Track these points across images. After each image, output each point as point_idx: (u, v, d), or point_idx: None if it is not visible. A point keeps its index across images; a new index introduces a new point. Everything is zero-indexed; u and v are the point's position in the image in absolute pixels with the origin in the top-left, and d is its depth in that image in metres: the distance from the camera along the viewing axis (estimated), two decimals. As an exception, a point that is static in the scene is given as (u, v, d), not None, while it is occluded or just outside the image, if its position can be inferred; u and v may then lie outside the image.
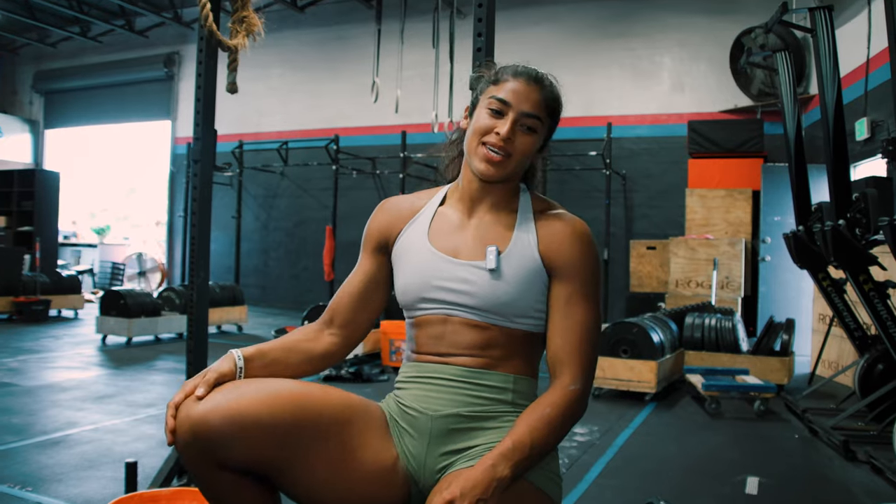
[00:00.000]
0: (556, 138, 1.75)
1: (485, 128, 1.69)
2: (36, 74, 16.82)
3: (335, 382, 6.11)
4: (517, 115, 1.68)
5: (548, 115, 1.74)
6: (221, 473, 1.53)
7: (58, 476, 3.51)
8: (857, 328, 5.43)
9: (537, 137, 1.73)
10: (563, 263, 1.69)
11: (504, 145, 1.67)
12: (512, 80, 1.72)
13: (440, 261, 1.73)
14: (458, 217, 1.79)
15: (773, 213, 9.11)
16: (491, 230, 1.75)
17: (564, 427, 1.64)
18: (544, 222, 1.74)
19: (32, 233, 13.12)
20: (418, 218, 1.82)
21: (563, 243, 1.70)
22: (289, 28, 13.43)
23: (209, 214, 3.25)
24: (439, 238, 1.77)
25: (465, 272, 1.70)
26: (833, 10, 4.94)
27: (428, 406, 1.68)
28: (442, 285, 1.71)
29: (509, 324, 1.69)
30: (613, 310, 10.87)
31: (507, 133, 1.67)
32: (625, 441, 4.61)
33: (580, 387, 1.66)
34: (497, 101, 1.69)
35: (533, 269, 1.69)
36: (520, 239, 1.72)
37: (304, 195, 13.65)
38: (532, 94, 1.70)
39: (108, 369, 6.71)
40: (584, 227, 1.73)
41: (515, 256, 1.69)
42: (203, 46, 3.15)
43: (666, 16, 11.31)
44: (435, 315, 1.72)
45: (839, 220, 4.70)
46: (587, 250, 1.71)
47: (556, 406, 1.63)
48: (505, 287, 1.67)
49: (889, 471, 3.81)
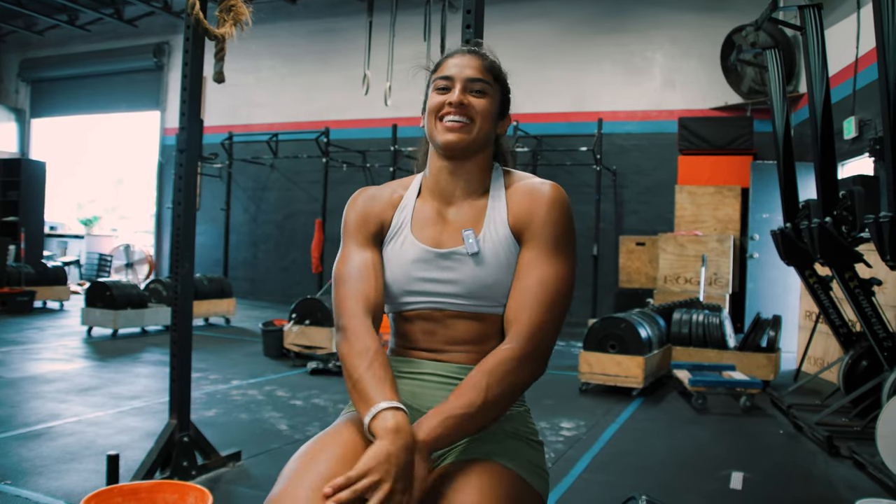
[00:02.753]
0: (547, 133, 1.76)
1: (437, 104, 1.68)
2: (22, 63, 16.68)
3: (322, 375, 6.09)
4: (463, 83, 1.67)
5: (494, 80, 1.72)
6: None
7: (38, 469, 3.48)
8: (842, 325, 5.46)
9: (491, 100, 1.70)
10: (528, 225, 1.66)
11: (460, 109, 1.66)
12: (450, 58, 1.72)
13: (422, 252, 1.70)
14: (435, 206, 1.76)
15: (762, 210, 9.13)
16: (468, 214, 1.72)
17: (493, 388, 1.51)
18: (513, 194, 1.72)
19: (17, 223, 13.04)
20: (402, 209, 1.78)
21: (530, 206, 1.67)
22: (280, 20, 13.39)
23: (194, 204, 3.23)
24: (422, 229, 1.74)
25: (445, 261, 1.68)
26: (822, 9, 4.95)
27: (423, 403, 1.66)
28: (427, 276, 1.68)
29: (495, 309, 1.66)
30: (602, 305, 10.89)
31: (459, 97, 1.66)
32: (611, 436, 4.61)
33: (519, 345, 1.56)
34: (441, 80, 1.70)
35: (508, 245, 1.66)
36: (492, 217, 1.69)
37: (293, 188, 13.61)
38: (472, 62, 1.70)
39: (93, 361, 6.67)
40: (555, 190, 1.68)
41: (490, 235, 1.67)
42: (190, 35, 3.13)
43: (658, 12, 11.32)
44: (425, 309, 1.69)
45: (826, 217, 4.73)
46: (555, 210, 1.66)
47: (483, 368, 1.54)
48: (486, 269, 1.64)
49: (871, 466, 3.84)
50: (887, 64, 3.60)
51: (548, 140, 11.65)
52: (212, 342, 7.95)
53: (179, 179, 3.18)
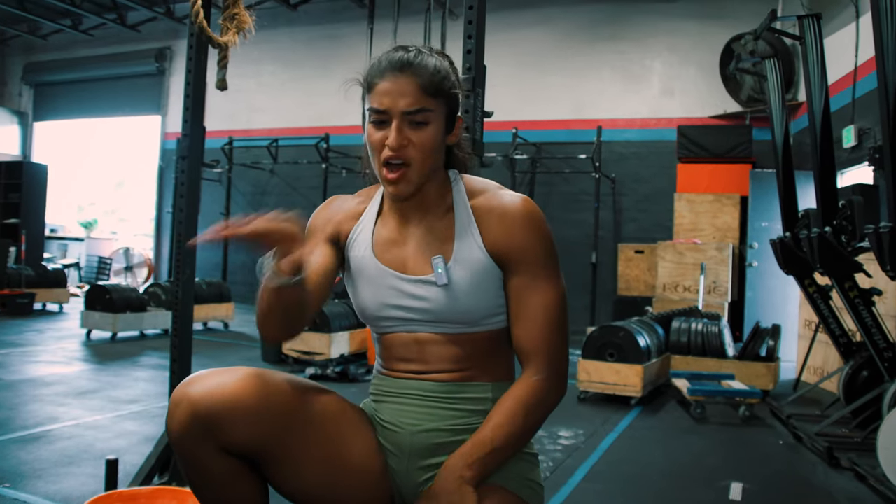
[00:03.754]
0: (546, 140, 1.75)
1: (376, 144, 1.59)
2: (26, 66, 16.71)
3: (320, 381, 6.09)
4: (399, 120, 1.55)
5: (435, 97, 1.57)
6: (216, 458, 1.51)
7: (37, 472, 3.48)
8: (842, 335, 5.46)
9: (434, 127, 1.58)
10: (512, 252, 1.60)
11: (398, 154, 1.56)
12: (380, 81, 1.58)
13: (390, 277, 1.66)
14: (396, 225, 1.71)
15: (761, 219, 9.14)
16: (431, 237, 1.66)
17: (530, 418, 1.58)
18: (484, 214, 1.64)
19: (18, 225, 13.05)
20: (362, 223, 1.74)
21: (508, 232, 1.61)
22: (281, 26, 13.40)
23: (196, 211, 3.24)
24: (384, 251, 1.69)
25: (416, 289, 1.64)
26: (822, 19, 4.97)
27: (406, 421, 1.66)
28: (397, 303, 1.65)
29: (476, 328, 1.64)
30: (600, 313, 10.88)
31: (395, 142, 1.55)
32: (609, 445, 4.61)
33: (545, 375, 1.59)
34: (375, 113, 1.58)
35: (484, 269, 1.61)
36: (463, 241, 1.63)
37: (293, 193, 13.61)
38: (406, 87, 1.55)
39: (92, 364, 6.67)
40: (526, 206, 1.62)
41: (463, 262, 1.62)
42: (193, 43, 3.13)
43: (657, 20, 11.35)
44: (401, 332, 1.68)
45: (825, 226, 4.73)
46: (533, 230, 1.61)
47: (518, 399, 1.58)
48: (460, 297, 1.60)
49: (872, 477, 3.83)
50: (886, 73, 3.61)
51: (547, 147, 11.66)
52: (211, 347, 7.95)
53: (181, 186, 3.19)
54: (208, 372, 1.55)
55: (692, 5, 11.12)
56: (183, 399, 1.50)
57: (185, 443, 1.50)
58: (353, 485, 1.62)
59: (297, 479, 1.57)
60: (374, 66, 1.62)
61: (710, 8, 10.99)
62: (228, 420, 1.48)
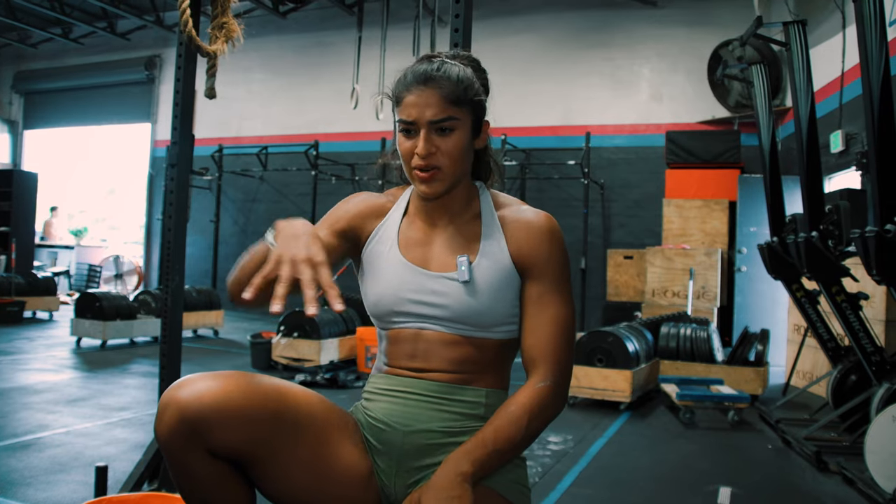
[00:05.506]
0: (535, 146, 1.75)
1: (406, 153, 1.65)
2: (16, 75, 16.70)
3: (310, 388, 6.07)
4: (427, 130, 1.62)
5: (459, 106, 1.63)
6: (204, 461, 1.52)
7: (27, 480, 3.48)
8: (830, 339, 5.48)
9: (461, 133, 1.64)
10: (534, 262, 1.67)
11: (427, 162, 1.62)
12: (407, 94, 1.63)
13: (412, 273, 1.70)
14: (423, 226, 1.76)
15: (750, 224, 9.19)
16: (458, 239, 1.72)
17: (532, 424, 1.60)
18: (510, 223, 1.72)
19: (9, 233, 13.01)
20: (387, 222, 1.79)
21: (532, 242, 1.68)
22: (271, 33, 13.42)
23: (184, 219, 3.24)
24: (409, 248, 1.74)
25: (437, 284, 1.67)
26: (807, 25, 5.01)
27: (399, 421, 1.67)
28: (416, 298, 1.68)
29: (484, 333, 1.66)
30: (590, 318, 10.92)
31: (424, 150, 1.61)
32: (598, 450, 4.62)
33: (551, 382, 1.62)
34: (403, 124, 1.64)
35: (506, 275, 1.66)
36: (489, 245, 1.69)
37: (283, 200, 13.62)
38: (431, 98, 1.61)
39: (82, 372, 6.65)
40: (550, 222, 1.71)
41: (487, 264, 1.67)
42: (182, 52, 3.14)
43: (645, 27, 11.41)
44: (408, 329, 1.70)
45: (812, 231, 4.76)
46: (556, 245, 1.69)
47: (522, 404, 1.59)
48: (479, 297, 1.64)
49: (860, 482, 3.85)
50: (871, 79, 3.65)
51: (536, 154, 11.70)
52: (200, 354, 7.94)
53: (170, 194, 3.20)
54: (196, 376, 1.56)
55: (680, 12, 11.20)
56: (171, 402, 1.50)
57: (173, 446, 1.51)
58: (339, 487, 1.63)
59: (285, 481, 1.58)
60: (401, 79, 1.67)
61: (697, 14, 11.06)
62: (216, 423, 1.49)
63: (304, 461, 1.59)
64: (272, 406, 1.56)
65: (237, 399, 1.51)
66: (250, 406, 1.52)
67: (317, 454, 1.61)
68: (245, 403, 1.51)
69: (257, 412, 1.52)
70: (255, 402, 1.53)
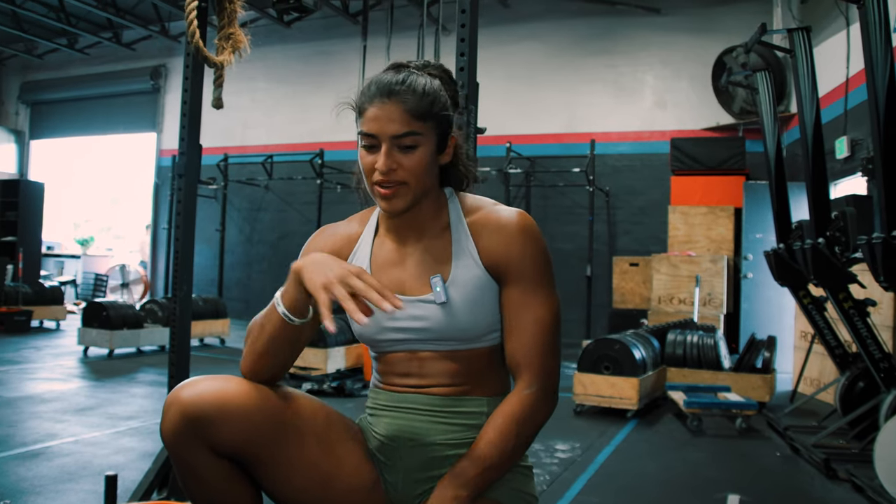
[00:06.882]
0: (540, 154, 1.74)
1: (367, 167, 1.60)
2: (22, 85, 16.79)
3: (317, 396, 6.07)
4: (388, 145, 1.56)
5: (423, 120, 1.57)
6: (207, 460, 1.54)
7: (36, 489, 3.48)
8: (837, 346, 5.46)
9: (424, 149, 1.58)
10: (508, 264, 1.62)
11: (390, 178, 1.57)
12: (369, 106, 1.58)
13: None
14: (394, 247, 1.72)
15: (755, 231, 9.17)
16: (429, 257, 1.67)
17: (523, 432, 1.58)
18: (481, 228, 1.66)
19: (15, 243, 13.05)
20: (359, 248, 1.76)
21: (504, 244, 1.62)
22: (275, 42, 13.45)
23: (193, 229, 3.26)
24: (383, 271, 1.71)
25: (416, 309, 1.64)
26: (811, 31, 5.02)
27: (403, 435, 1.67)
28: (396, 326, 1.65)
29: (472, 345, 1.65)
30: (596, 326, 10.90)
31: (384, 165, 1.55)
32: (606, 458, 4.62)
33: (536, 388, 1.60)
34: (365, 137, 1.58)
35: (482, 286, 1.63)
36: (460, 259, 1.64)
37: (288, 209, 13.64)
38: (393, 112, 1.55)
39: (90, 381, 6.67)
40: (522, 220, 1.64)
41: (462, 279, 1.63)
42: (189, 62, 3.16)
43: (649, 34, 11.41)
44: (399, 352, 1.69)
45: (819, 238, 4.75)
46: (529, 243, 1.62)
47: (509, 414, 1.58)
48: (459, 315, 1.61)
49: (870, 489, 3.83)
50: (876, 84, 3.65)
51: (541, 161, 11.71)
52: (207, 362, 7.95)
53: (179, 204, 3.21)
54: (200, 377, 1.60)
55: (683, 19, 11.20)
56: (174, 401, 1.53)
57: (176, 444, 1.53)
58: (342, 492, 1.64)
59: (288, 483, 1.59)
60: (364, 90, 1.62)
61: (701, 21, 11.07)
62: (218, 419, 1.51)
63: (307, 464, 1.60)
64: (275, 407, 1.58)
65: (237, 398, 1.54)
66: (252, 405, 1.55)
67: (319, 458, 1.62)
68: (245, 402, 1.54)
69: (258, 412, 1.55)
70: (255, 401, 1.56)
